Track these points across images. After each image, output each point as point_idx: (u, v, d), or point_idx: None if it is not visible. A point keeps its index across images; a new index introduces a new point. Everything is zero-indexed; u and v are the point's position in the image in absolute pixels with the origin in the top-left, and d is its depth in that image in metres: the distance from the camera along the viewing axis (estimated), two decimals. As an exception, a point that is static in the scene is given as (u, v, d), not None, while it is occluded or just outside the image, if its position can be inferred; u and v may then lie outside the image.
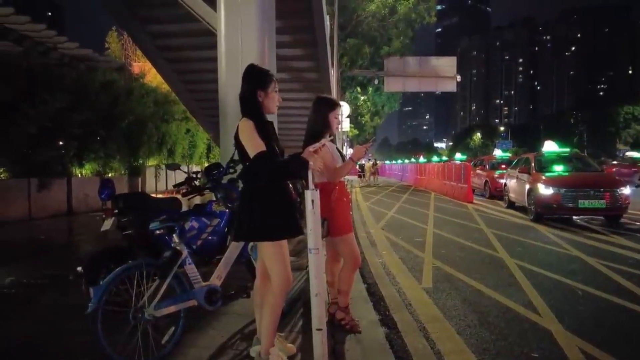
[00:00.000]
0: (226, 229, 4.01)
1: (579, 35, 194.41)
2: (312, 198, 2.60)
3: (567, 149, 13.03)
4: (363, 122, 39.75)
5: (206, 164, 9.66)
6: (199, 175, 4.01)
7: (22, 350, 3.04)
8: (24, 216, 9.94)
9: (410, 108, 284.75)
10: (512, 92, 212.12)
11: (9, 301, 4.18)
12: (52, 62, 12.15)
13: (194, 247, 3.85)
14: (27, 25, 10.94)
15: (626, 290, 4.63)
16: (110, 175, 13.54)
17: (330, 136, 3.24)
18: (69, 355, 2.97)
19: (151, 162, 16.44)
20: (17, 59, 10.64)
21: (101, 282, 2.68)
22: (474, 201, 14.53)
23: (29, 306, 3.98)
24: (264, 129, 2.53)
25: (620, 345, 3.35)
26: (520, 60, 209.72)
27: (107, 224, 3.62)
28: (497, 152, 32.75)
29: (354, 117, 35.82)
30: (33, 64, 10.90)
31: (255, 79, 2.61)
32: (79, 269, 3.57)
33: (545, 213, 9.59)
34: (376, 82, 30.81)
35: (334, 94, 18.36)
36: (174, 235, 2.99)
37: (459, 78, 28.25)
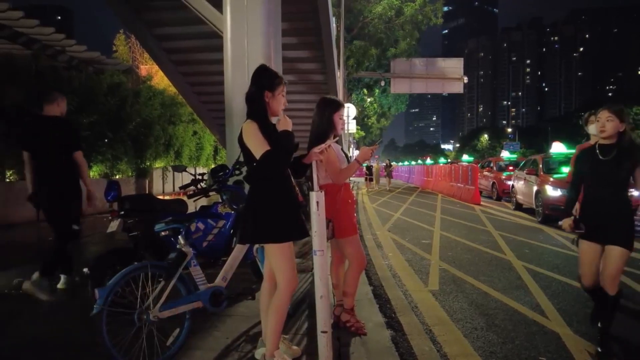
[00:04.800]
0: (232, 231, 4.02)
1: (587, 36, 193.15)
2: (317, 200, 2.59)
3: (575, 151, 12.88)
4: (369, 123, 39.76)
5: (213, 166, 9.70)
6: (205, 177, 4.02)
7: (29, 351, 3.06)
8: (32, 218, 9.99)
9: (417, 110, 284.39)
10: (520, 93, 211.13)
11: (16, 302, 4.20)
12: (60, 65, 12.26)
13: (200, 248, 3.86)
14: (35, 29, 11.07)
15: (636, 294, 4.58)
16: (117, 177, 13.62)
17: (335, 137, 3.23)
18: (74, 356, 2.98)
19: (158, 164, 16.53)
20: (26, 61, 10.74)
21: (107, 284, 2.68)
22: (481, 203, 14.46)
23: (35, 307, 4.00)
24: (268, 130, 2.52)
25: (629, 349, 3.30)
26: (528, 61, 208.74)
27: (113, 226, 3.63)
28: (505, 154, 32.61)
29: (360, 119, 35.80)
30: (42, 66, 11.00)
31: (264, 80, 2.60)
32: (86, 270, 3.60)
33: (553, 215, 9.51)
34: (383, 83, 30.73)
35: (340, 96, 18.36)
36: (179, 236, 2.99)
37: (465, 79, 28.15)
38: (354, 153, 30.30)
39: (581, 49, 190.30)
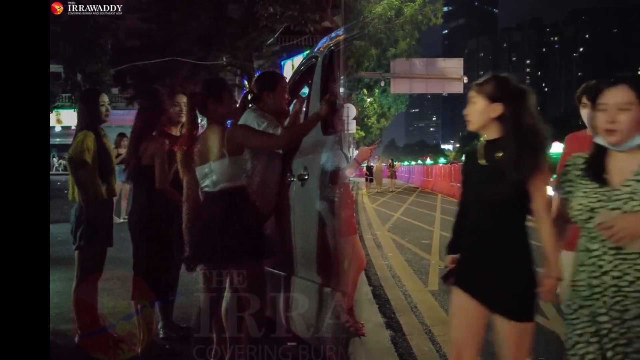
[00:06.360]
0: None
1: (587, 36, 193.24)
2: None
3: (576, 151, 12.88)
4: (369, 124, 39.69)
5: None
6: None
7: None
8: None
9: (417, 110, 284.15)
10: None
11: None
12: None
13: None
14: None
15: (636, 294, 4.56)
16: (117, 177, 13.63)
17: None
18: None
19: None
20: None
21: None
22: (481, 203, 14.43)
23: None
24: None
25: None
26: (528, 61, 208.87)
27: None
28: (505, 154, 32.48)
29: (360, 119, 35.73)
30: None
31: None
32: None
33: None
34: (382, 84, 30.73)
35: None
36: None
37: (466, 80, 28.13)
38: (354, 153, 30.15)
39: (581, 49, 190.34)
